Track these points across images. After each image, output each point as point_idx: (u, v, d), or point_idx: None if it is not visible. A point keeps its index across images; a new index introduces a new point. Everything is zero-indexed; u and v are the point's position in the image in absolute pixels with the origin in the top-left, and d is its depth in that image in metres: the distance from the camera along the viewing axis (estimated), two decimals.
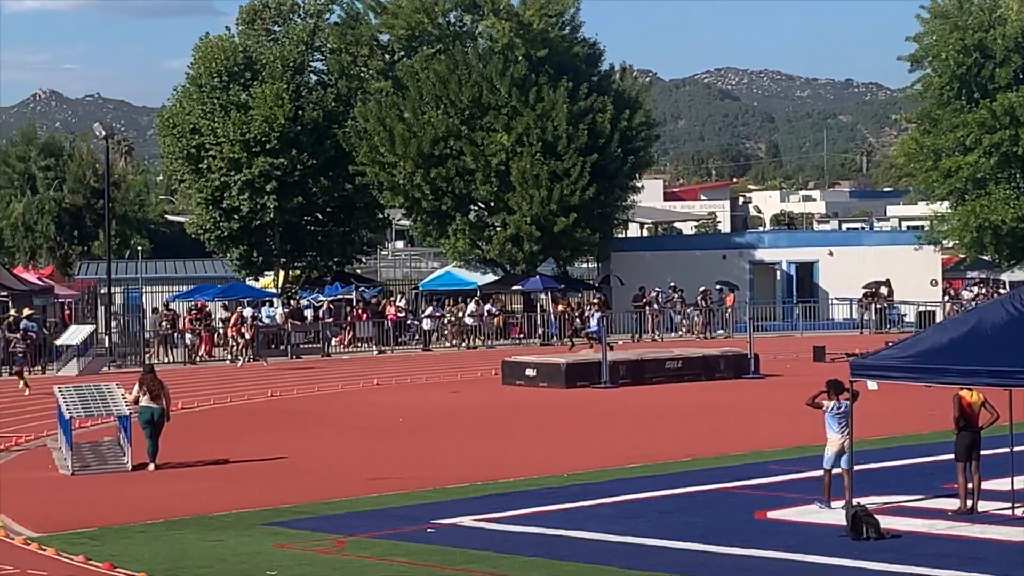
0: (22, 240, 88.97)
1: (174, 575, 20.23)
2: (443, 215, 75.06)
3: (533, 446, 33.74)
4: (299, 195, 75.60)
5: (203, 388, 49.49)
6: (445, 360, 60.96)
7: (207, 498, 27.15)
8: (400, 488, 27.72)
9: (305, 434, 36.80)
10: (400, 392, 47.79)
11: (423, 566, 20.65)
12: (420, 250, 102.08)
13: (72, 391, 32.51)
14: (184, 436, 34.81)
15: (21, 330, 58.98)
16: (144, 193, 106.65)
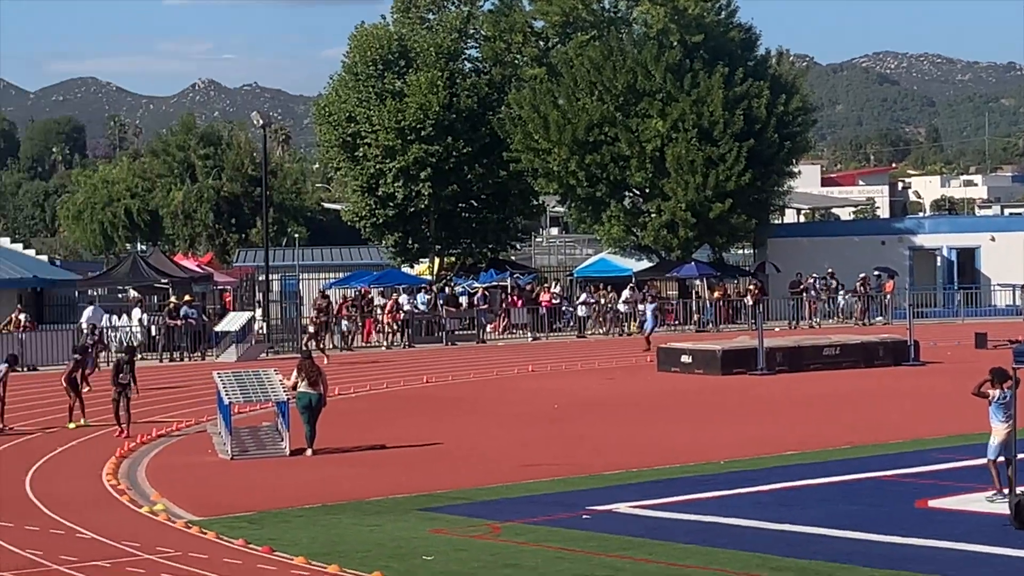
0: (182, 228, 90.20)
1: (332, 559, 20.40)
2: (598, 201, 74.91)
3: (688, 433, 33.61)
4: (454, 182, 75.85)
5: (359, 374, 49.88)
6: (600, 347, 60.87)
7: (364, 483, 27.36)
8: (555, 474, 27.75)
9: (460, 420, 36.95)
10: (555, 379, 47.81)
11: (578, 552, 20.65)
12: (574, 237, 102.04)
13: (231, 377, 32.91)
14: (341, 422, 35.12)
15: (181, 317, 59.94)
16: (301, 181, 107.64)
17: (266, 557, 20.81)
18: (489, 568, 19.76)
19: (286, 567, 20.20)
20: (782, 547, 20.65)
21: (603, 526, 22.51)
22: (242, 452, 31.22)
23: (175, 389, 45.78)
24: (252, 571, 19.84)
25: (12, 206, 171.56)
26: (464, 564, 20.04)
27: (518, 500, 25.10)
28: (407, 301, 66.73)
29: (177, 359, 58.33)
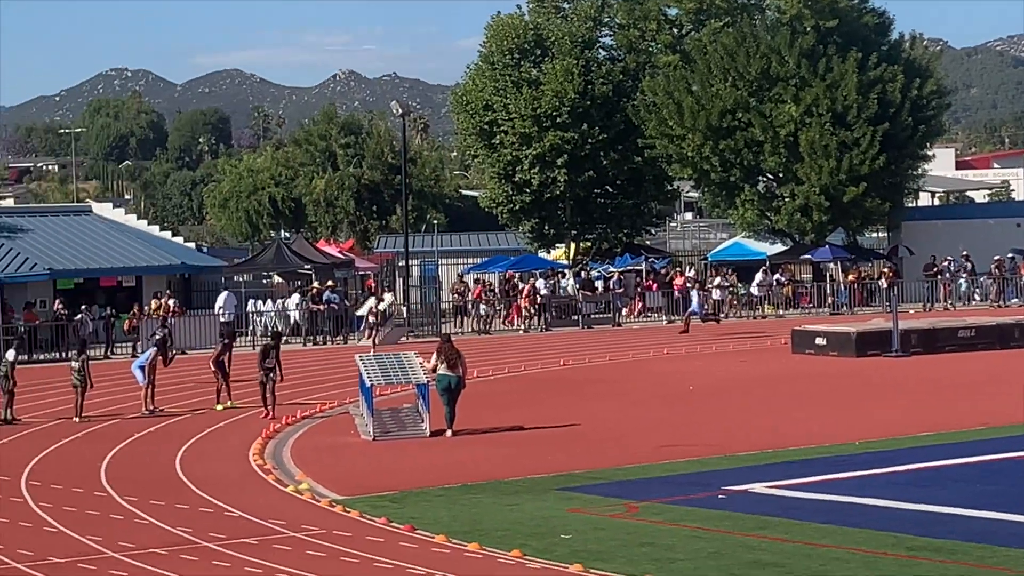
0: (324, 215, 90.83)
1: (472, 537, 20.49)
2: (731, 186, 74.52)
3: (823, 414, 33.36)
4: (589, 168, 75.78)
5: (497, 357, 50.04)
6: (735, 330, 60.53)
7: (503, 463, 27.46)
8: (691, 455, 27.68)
9: (597, 402, 36.95)
10: (689, 361, 47.66)
11: (714, 532, 20.58)
12: (709, 221, 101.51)
13: (373, 360, 33.13)
14: (480, 403, 35.26)
15: (324, 302, 60.47)
16: (439, 169, 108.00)
17: (408, 535, 20.95)
18: (626, 547, 19.75)
19: (427, 545, 20.33)
20: (917, 527, 20.45)
21: (739, 506, 22.43)
22: (384, 433, 31.45)
23: (318, 372, 46.20)
24: (394, 549, 19.97)
25: (161, 195, 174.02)
26: (601, 543, 20.05)
27: (654, 480, 25.08)
28: (544, 285, 66.82)
29: (320, 343, 58.88)
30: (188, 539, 21.02)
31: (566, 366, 47.03)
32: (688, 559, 18.87)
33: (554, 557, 19.19)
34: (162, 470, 27.75)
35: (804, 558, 18.79)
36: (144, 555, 19.97)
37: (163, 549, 20.38)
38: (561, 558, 19.09)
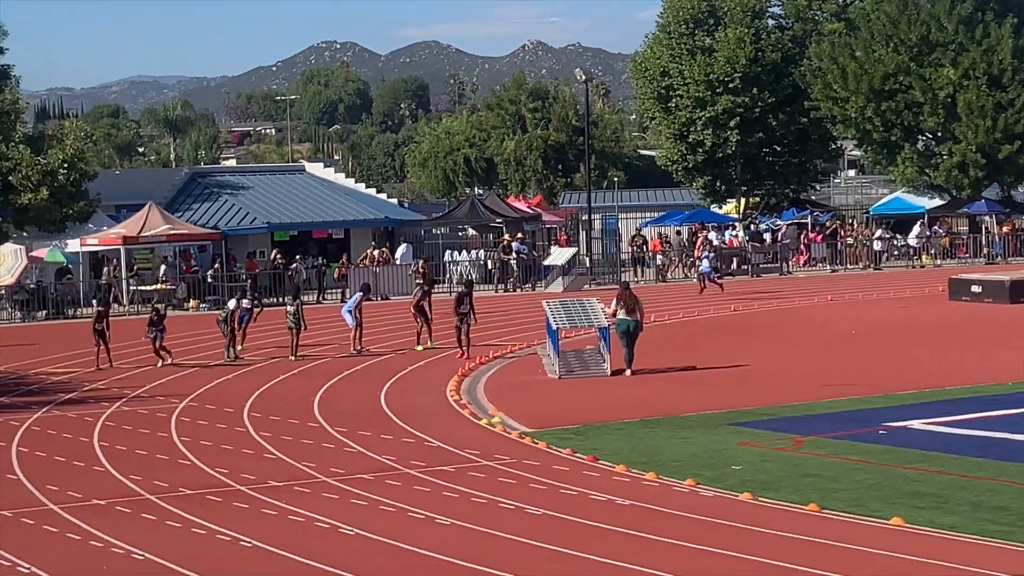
0: (513, 173, 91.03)
1: (649, 467, 20.47)
2: (892, 145, 73.49)
3: (978, 357, 32.72)
4: (759, 129, 75.33)
5: (672, 303, 49.88)
6: (894, 278, 59.70)
7: (678, 400, 27.38)
8: (853, 394, 27.38)
9: (764, 345, 36.68)
10: (852, 307, 47.07)
11: (875, 465, 20.34)
12: (870, 177, 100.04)
13: (558, 305, 33.21)
14: (657, 345, 35.18)
15: (514, 252, 60.71)
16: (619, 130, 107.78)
17: (591, 465, 20.99)
18: (792, 478, 19.61)
19: (608, 474, 20.35)
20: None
21: (898, 441, 22.14)
22: (568, 372, 31.51)
23: (508, 317, 46.41)
24: (578, 477, 20.02)
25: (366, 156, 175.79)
26: (769, 473, 19.92)
27: (819, 417, 24.84)
28: (716, 237, 66.45)
29: (510, 290, 59.15)
30: (392, 466, 21.27)
31: (736, 312, 46.71)
32: (850, 489, 18.68)
33: (725, 486, 19.11)
34: (368, 404, 28.09)
35: (960, 490, 18.50)
36: (352, 480, 20.25)
37: (370, 475, 20.65)
38: (732, 487, 19.01)
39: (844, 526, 16.72)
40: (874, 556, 15.27)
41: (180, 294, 54.60)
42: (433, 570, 15.25)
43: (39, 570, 15.57)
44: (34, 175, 52.90)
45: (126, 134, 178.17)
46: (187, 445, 23.70)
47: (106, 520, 18.01)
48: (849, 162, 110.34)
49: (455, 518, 17.66)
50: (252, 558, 15.99)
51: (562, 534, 16.68)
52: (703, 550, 15.74)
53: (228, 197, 64.36)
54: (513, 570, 15.08)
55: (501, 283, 60.22)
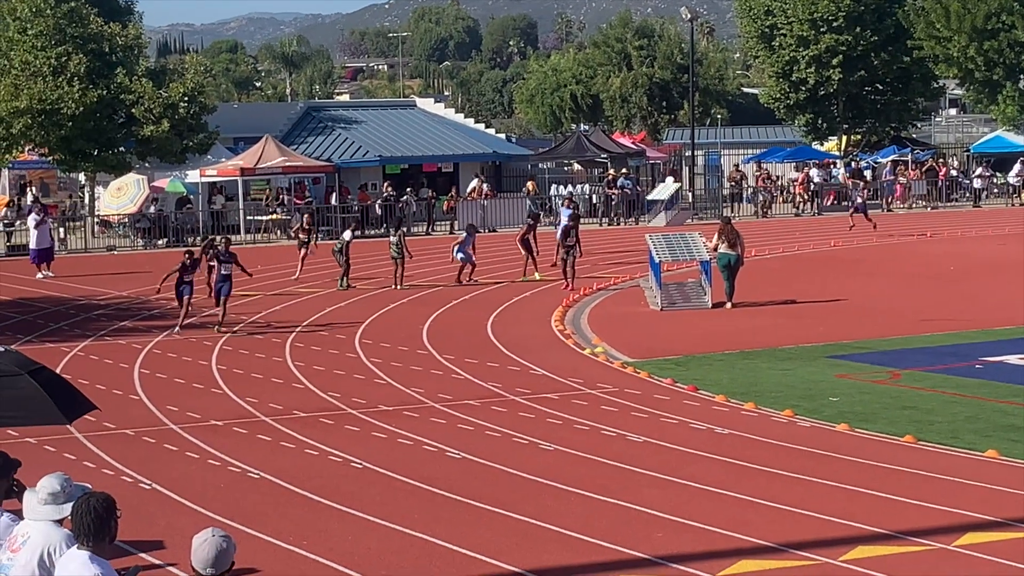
0: (619, 110, 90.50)
1: (748, 398, 20.43)
2: (994, 84, 72.18)
3: None
4: (861, 68, 74.30)
5: (773, 239, 49.54)
6: (994, 215, 58.84)
7: (777, 333, 27.26)
8: (950, 329, 27.11)
9: (863, 280, 36.33)
10: (950, 244, 46.49)
11: (971, 398, 20.16)
12: (971, 116, 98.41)
13: (661, 239, 33.11)
14: (757, 279, 34.99)
15: (619, 187, 60.51)
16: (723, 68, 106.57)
17: (691, 395, 20.98)
18: (889, 409, 19.48)
19: (708, 403, 20.33)
20: None
21: (994, 375, 21.92)
22: (670, 304, 31.44)
23: (613, 250, 46.34)
24: (679, 406, 20.02)
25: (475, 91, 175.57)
26: (866, 405, 19.81)
27: (916, 351, 24.64)
28: (817, 174, 65.81)
29: (615, 223, 59.03)
30: (498, 393, 21.38)
31: (836, 247, 46.30)
32: (946, 422, 18.54)
33: (823, 417, 19.04)
34: (475, 333, 28.21)
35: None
36: (460, 406, 20.38)
37: (476, 401, 20.77)
38: (829, 418, 18.94)
39: (939, 458, 16.62)
40: (968, 487, 15.16)
41: (295, 224, 54.97)
42: (536, 493, 15.34)
43: (160, 486, 15.84)
44: (156, 108, 53.40)
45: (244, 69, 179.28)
46: (300, 370, 23.95)
47: (224, 440, 18.28)
48: (950, 101, 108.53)
49: (558, 444, 17.74)
50: (362, 478, 16.17)
51: (662, 461, 16.71)
52: (799, 479, 15.71)
53: (341, 131, 64.63)
54: (613, 495, 15.13)
55: (605, 217, 60.09)
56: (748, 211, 63.63)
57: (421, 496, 15.31)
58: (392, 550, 13.31)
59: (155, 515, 14.53)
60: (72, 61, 51.99)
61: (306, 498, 15.25)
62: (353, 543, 13.57)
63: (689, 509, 14.50)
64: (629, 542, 13.35)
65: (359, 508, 14.73)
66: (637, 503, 14.78)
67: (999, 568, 12.39)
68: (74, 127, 51.93)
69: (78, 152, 53.44)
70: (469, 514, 14.55)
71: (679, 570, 12.51)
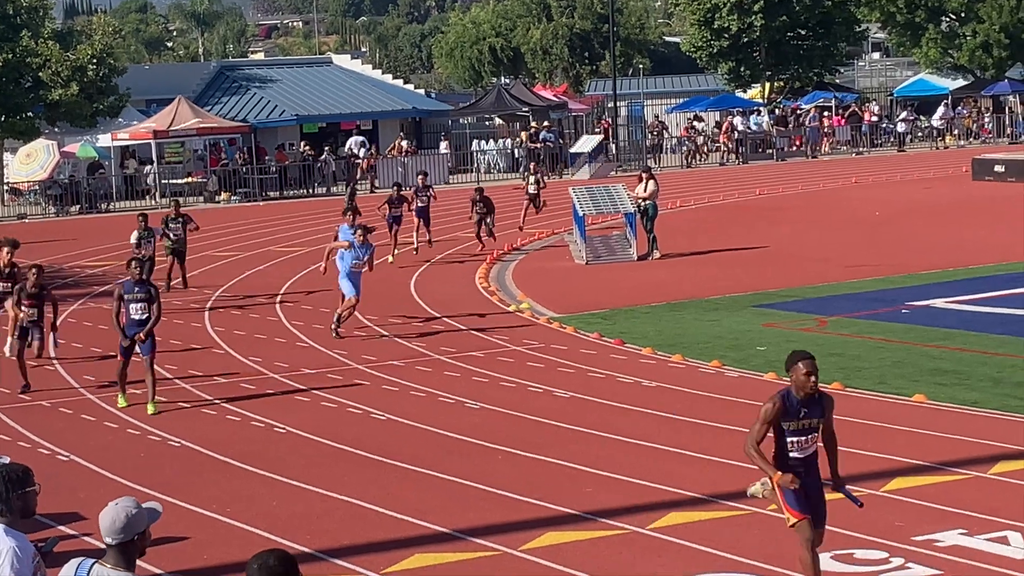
0: (540, 62, 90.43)
1: (675, 350, 20.56)
2: (916, 26, 72.71)
3: (1001, 235, 32.56)
4: (783, 13, 74.41)
5: (698, 189, 49.77)
6: (918, 159, 59.41)
7: (703, 283, 27.42)
8: (876, 274, 27.38)
9: (789, 227, 36.60)
10: (876, 189, 46.88)
11: (897, 343, 20.38)
12: (894, 60, 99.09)
13: (584, 191, 33.19)
14: (683, 230, 35.18)
15: (540, 140, 60.49)
16: (644, 18, 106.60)
17: (618, 348, 21.07)
18: (817, 357, 19.56)
19: (635, 356, 20.44)
20: None
21: (921, 319, 22.17)
22: (595, 258, 31.54)
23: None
24: (606, 360, 20.11)
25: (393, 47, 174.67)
26: None
27: (842, 297, 24.87)
28: (741, 122, 66.11)
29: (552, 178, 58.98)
30: (422, 353, 21.40)
31: (761, 195, 46.60)
32: (873, 368, 18.74)
33: (750, 367, 19.20)
34: (399, 292, 28.16)
35: (981, 366, 18.54)
36: (384, 367, 20.38)
37: (400, 361, 20.78)
38: (757, 368, 19.10)
39: (867, 403, 16.81)
40: (897, 432, 15.36)
41: (211, 187, 54.67)
42: (463, 452, 15.39)
43: (78, 458, 15.77)
44: (64, 71, 52.81)
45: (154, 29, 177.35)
46: (220, 335, 23.85)
47: (143, 409, 18.15)
48: (873, 45, 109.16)
49: (484, 402, 17.79)
50: (286, 443, 16.14)
51: (589, 416, 16.80)
52: (728, 429, 15.84)
53: (256, 90, 64.18)
54: (541, 451, 15.21)
55: (515, 172, 60.08)
56: (673, 161, 63.84)
57: (347, 459, 15.32)
58: (318, 513, 13.32)
59: (74, 487, 14.46)
60: None
61: (230, 465, 15.22)
62: (279, 508, 13.56)
63: (617, 463, 14.60)
64: (558, 498, 13.43)
65: (284, 473, 14.71)
66: (565, 459, 14.87)
67: (927, 511, 12.57)
68: None
69: None
70: (396, 475, 14.58)
71: (608, 524, 12.61)
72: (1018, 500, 12.73)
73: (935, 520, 12.29)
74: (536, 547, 12.07)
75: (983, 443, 14.70)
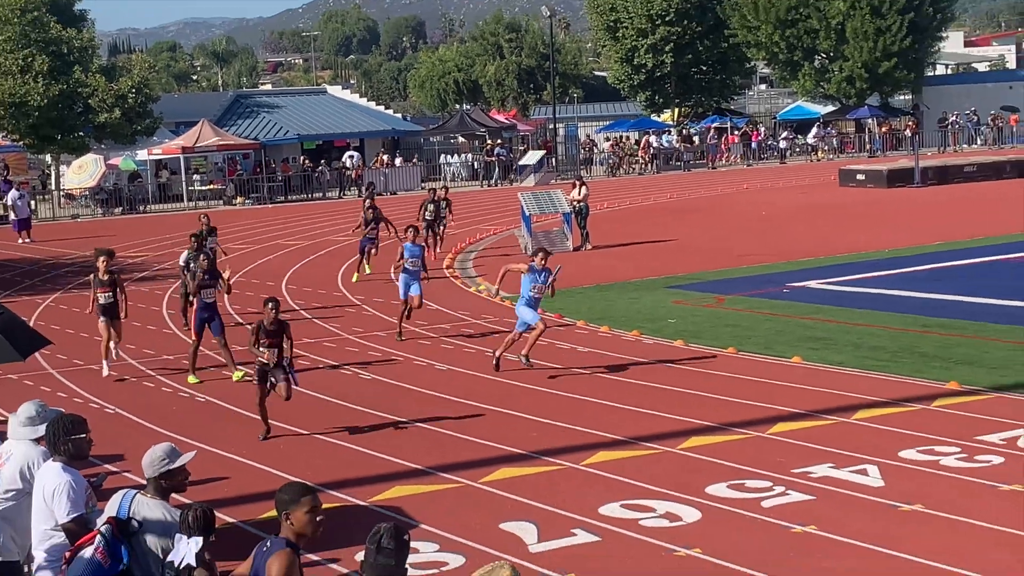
0: (494, 92, 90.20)
1: (603, 322, 20.60)
2: (794, 63, 72.95)
3: (862, 231, 32.76)
4: (689, 53, 74.71)
5: (621, 193, 49.81)
6: (797, 170, 59.59)
7: (626, 269, 27.44)
8: (764, 261, 27.46)
9: (695, 224, 36.66)
10: (763, 194, 47.03)
11: (780, 316, 20.47)
12: (778, 90, 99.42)
13: (531, 196, 33.13)
14: (610, 226, 35.18)
15: (495, 155, 60.35)
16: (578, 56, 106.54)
17: (557, 321, 21.05)
18: (715, 327, 19.74)
19: (571, 327, 20.45)
20: (930, 310, 20.17)
21: (799, 297, 22.27)
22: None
23: (490, 206, 46.31)
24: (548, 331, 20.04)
25: (376, 79, 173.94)
26: (697, 324, 20.06)
27: (736, 280, 24.94)
28: (655, 140, 66.15)
29: (492, 185, 58.93)
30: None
31: (672, 199, 46.67)
32: (761, 336, 18.83)
33: (663, 335, 19.25)
34: (382, 275, 28.00)
35: (845, 333, 18.66)
36: (369, 336, 20.29)
37: (383, 332, 20.72)
38: (668, 336, 19.15)
39: (755, 364, 16.88)
40: (779, 387, 15.45)
41: (229, 192, 54.38)
42: (435, 404, 15.38)
43: (123, 411, 15.65)
44: (109, 98, 52.38)
45: (182, 65, 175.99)
46: (237, 312, 23.65)
47: (177, 376, 17.98)
48: (760, 78, 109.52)
49: (451, 364, 17.77)
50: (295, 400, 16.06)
51: (535, 375, 16.82)
52: (645, 385, 15.90)
53: (265, 114, 63.76)
54: (497, 404, 15.21)
55: (485, 179, 59.97)
56: (601, 172, 63.85)
57: (340, 411, 15.29)
58: (321, 455, 13.27)
59: (120, 435, 14.37)
60: (36, 61, 50.97)
61: (247, 417, 15.11)
62: (287, 450, 13.51)
63: (557, 412, 14.62)
64: (510, 441, 13.45)
65: (292, 423, 14.65)
66: (516, 410, 14.89)
67: (804, 450, 12.66)
68: (40, 116, 51.08)
69: (44, 137, 52.58)
70: (380, 424, 14.56)
71: (550, 461, 12.63)
72: (875, 440, 12.84)
73: (809, 456, 12.38)
74: (493, 480, 12.09)
75: (847, 395, 14.80)
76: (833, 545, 9.92)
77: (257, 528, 10.76)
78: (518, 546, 10.14)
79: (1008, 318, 19.08)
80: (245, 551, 6.50)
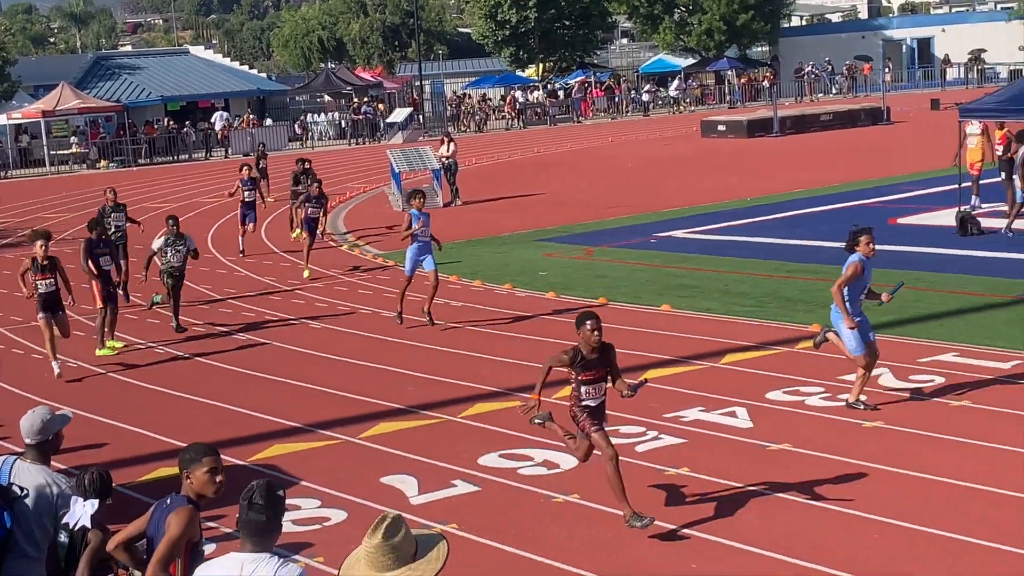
0: (359, 49, 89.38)
1: (476, 276, 20.65)
2: (655, 17, 73.70)
3: (725, 180, 33.28)
4: (552, 8, 74.74)
5: (489, 149, 49.81)
6: (660, 122, 60.23)
7: (496, 223, 27.49)
8: (630, 212, 27.73)
9: (562, 178, 36.84)
10: (628, 147, 47.45)
11: (649, 266, 20.73)
12: (639, 44, 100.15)
13: (400, 153, 33.00)
14: (479, 181, 35.19)
15: (362, 113, 59.86)
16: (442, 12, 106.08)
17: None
18: (586, 279, 19.92)
19: (444, 283, 20.43)
20: (794, 255, 20.61)
21: (666, 247, 22.56)
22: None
23: (359, 164, 46.00)
24: (420, 286, 19.98)
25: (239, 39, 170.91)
26: (568, 276, 20.22)
27: (604, 231, 25.16)
28: (521, 96, 66.22)
29: (360, 143, 58.50)
30: (273, 285, 21.15)
31: (539, 153, 46.83)
32: (630, 285, 19.05)
33: (535, 288, 19.37)
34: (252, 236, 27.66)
35: (713, 280, 18.98)
36: (244, 297, 20.07)
37: (254, 293, 20.51)
38: (540, 288, 19.28)
39: (626, 313, 17.09)
40: (649, 335, 15.67)
41: (92, 156, 53.10)
42: (309, 363, 15.31)
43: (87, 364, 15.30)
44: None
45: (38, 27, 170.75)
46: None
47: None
48: (622, 32, 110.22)
49: (326, 323, 17.68)
50: (189, 366, 15.81)
51: (409, 331, 16.82)
52: (517, 337, 16.01)
53: (127, 76, 62.29)
54: (371, 359, 15.19)
55: (353, 138, 59.47)
56: (469, 128, 63.75)
57: (224, 375, 15.12)
58: (206, 419, 13.14)
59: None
60: None
61: (133, 385, 14.87)
62: (181, 419, 13.35)
63: (433, 367, 14.66)
64: (387, 395, 13.46)
65: (187, 391, 14.46)
66: (390, 364, 14.88)
67: (674, 395, 12.86)
68: None
69: None
70: (262, 385, 14.45)
71: (428, 415, 12.67)
72: (743, 383, 13.12)
73: (680, 401, 12.60)
74: (373, 435, 12.09)
75: (715, 340, 15.08)
76: (706, 485, 10.14)
77: (136, 491, 10.62)
78: (399, 499, 10.18)
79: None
80: (128, 515, 6.41)
